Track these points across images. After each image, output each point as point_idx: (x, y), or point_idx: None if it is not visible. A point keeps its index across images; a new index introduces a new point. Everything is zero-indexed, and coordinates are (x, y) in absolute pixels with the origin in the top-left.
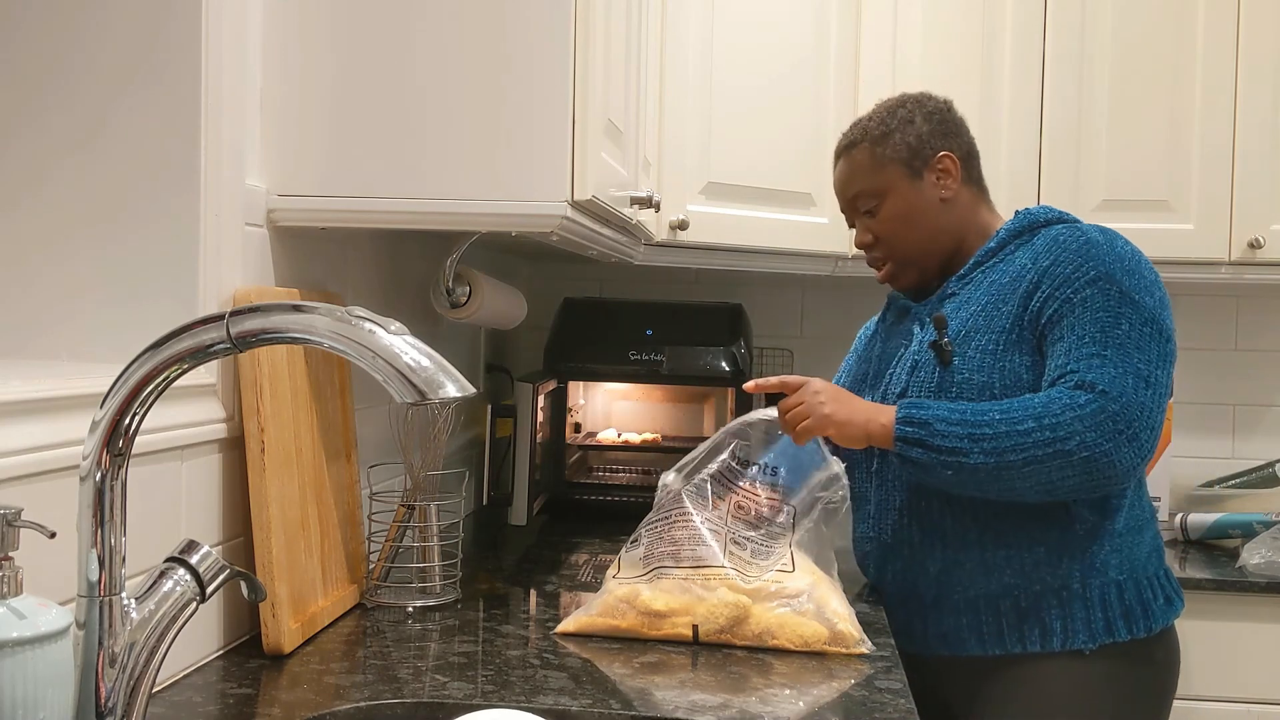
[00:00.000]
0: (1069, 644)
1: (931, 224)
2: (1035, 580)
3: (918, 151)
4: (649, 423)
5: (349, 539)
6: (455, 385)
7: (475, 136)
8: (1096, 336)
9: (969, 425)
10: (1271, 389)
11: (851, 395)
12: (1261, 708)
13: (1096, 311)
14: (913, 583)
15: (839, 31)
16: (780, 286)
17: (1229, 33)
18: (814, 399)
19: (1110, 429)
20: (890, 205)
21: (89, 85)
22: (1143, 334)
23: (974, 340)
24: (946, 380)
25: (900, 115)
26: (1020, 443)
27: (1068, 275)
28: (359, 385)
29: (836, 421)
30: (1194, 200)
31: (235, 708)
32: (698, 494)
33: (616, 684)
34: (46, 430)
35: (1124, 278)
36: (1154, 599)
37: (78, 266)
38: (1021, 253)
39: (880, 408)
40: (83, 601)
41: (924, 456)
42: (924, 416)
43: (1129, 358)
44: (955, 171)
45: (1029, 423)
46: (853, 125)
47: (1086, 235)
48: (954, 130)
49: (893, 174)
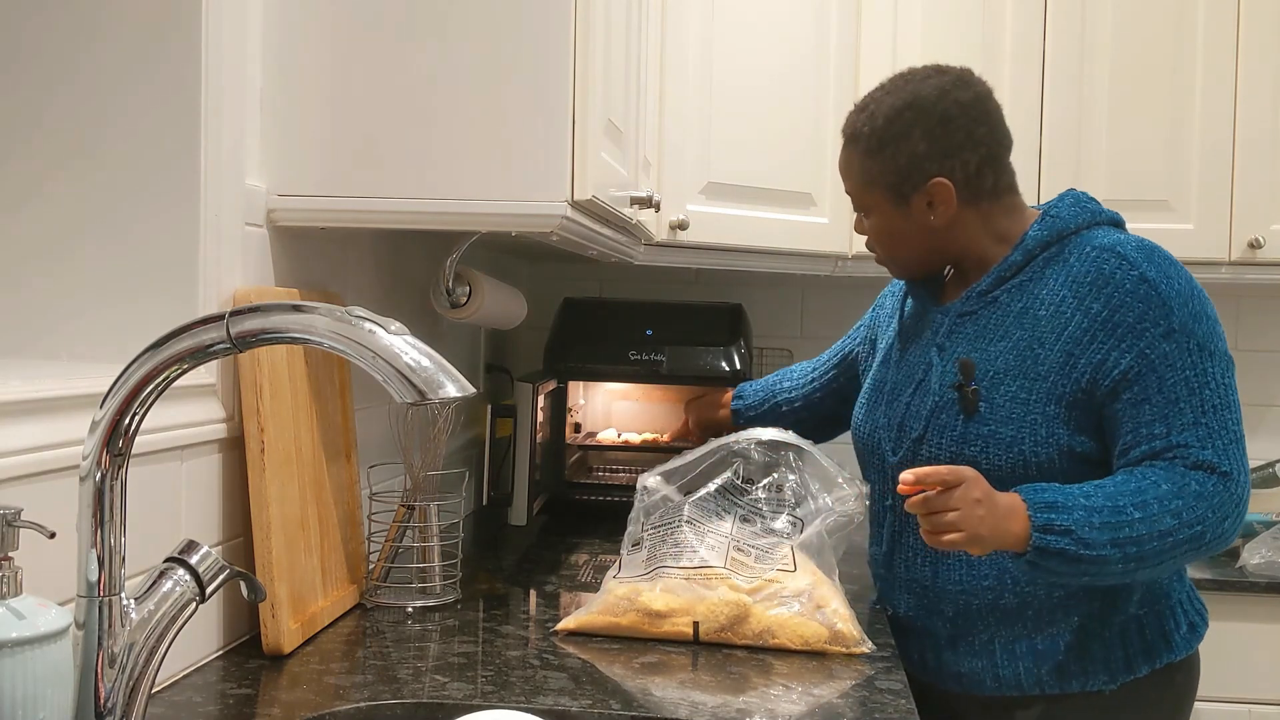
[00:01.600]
0: (1089, 686)
1: (920, 246)
2: (1051, 622)
3: (907, 176)
4: (649, 423)
5: (349, 539)
6: (455, 385)
7: (475, 136)
8: (1190, 400)
9: (1111, 528)
10: (1271, 389)
11: (991, 494)
12: (1261, 708)
13: (1182, 370)
14: (927, 620)
15: (839, 31)
16: (780, 286)
17: (1229, 33)
18: (972, 510)
19: (1235, 513)
20: (875, 223)
21: (89, 86)
22: (1228, 387)
23: (1004, 386)
24: (970, 432)
25: (899, 124)
26: (1162, 545)
27: (1132, 325)
28: (359, 385)
29: (983, 541)
30: (1194, 200)
31: (235, 708)
32: (701, 510)
33: (616, 684)
34: (46, 430)
35: (1195, 325)
36: (1176, 629)
37: (78, 266)
38: (1054, 273)
39: (1011, 509)
40: (82, 601)
41: (1063, 567)
42: (1065, 524)
43: (1226, 423)
44: (949, 199)
45: (1168, 520)
46: (857, 108)
47: (1139, 270)
48: (961, 144)
49: (877, 195)
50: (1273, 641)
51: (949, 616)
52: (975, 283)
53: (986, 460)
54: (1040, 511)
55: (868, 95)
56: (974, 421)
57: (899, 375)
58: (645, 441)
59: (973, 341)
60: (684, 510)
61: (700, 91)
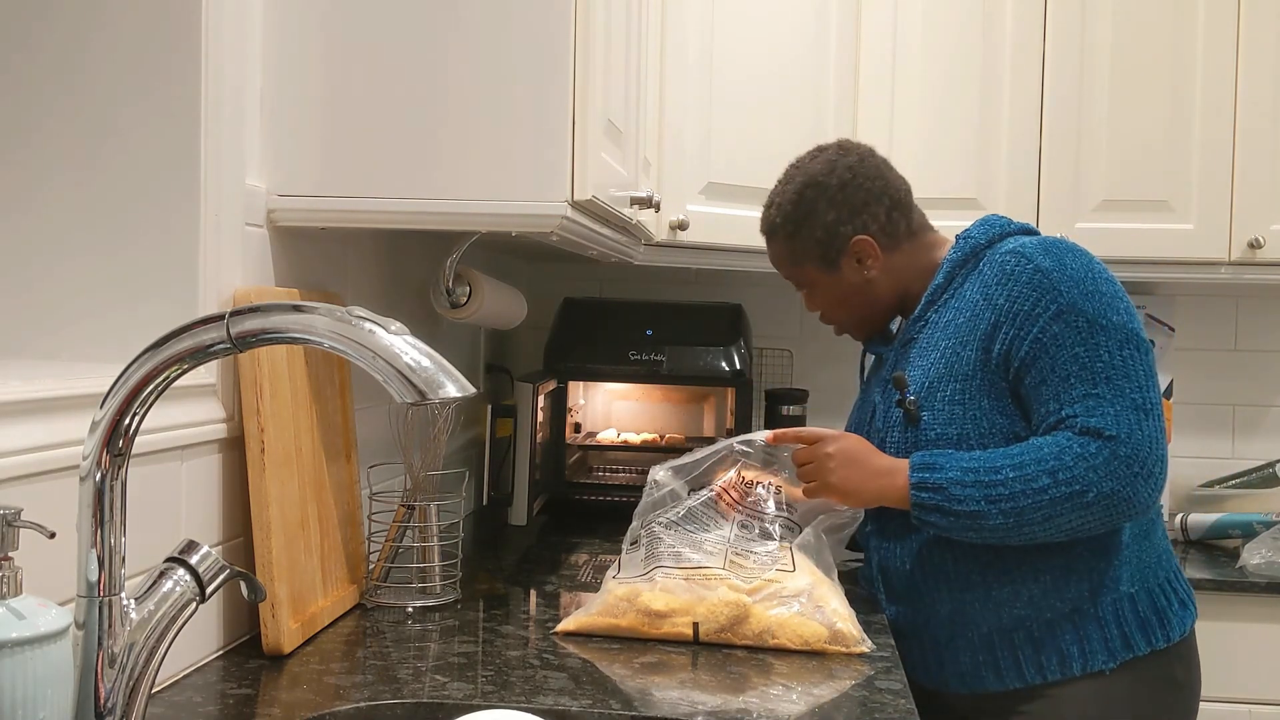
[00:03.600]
0: (1089, 666)
1: (865, 300)
2: (1046, 609)
3: (829, 244)
4: (649, 423)
5: (349, 539)
6: (455, 385)
7: (475, 136)
8: (1081, 375)
9: (984, 486)
10: (1271, 389)
11: (867, 455)
12: (1261, 708)
13: (1073, 347)
14: (924, 623)
15: (839, 31)
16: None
17: (1229, 33)
18: (824, 463)
19: (1125, 473)
20: (820, 295)
21: (89, 86)
22: (1124, 358)
23: (939, 391)
24: (921, 439)
25: (805, 204)
26: (1038, 500)
27: (1028, 312)
28: (359, 385)
29: (842, 491)
30: (1194, 200)
31: (235, 708)
32: (703, 510)
33: (616, 684)
34: (46, 430)
35: (1085, 302)
36: (1169, 605)
37: (78, 267)
38: (970, 284)
39: (893, 469)
40: (82, 602)
41: (942, 521)
42: (938, 480)
43: (1120, 391)
44: (874, 251)
45: (1044, 479)
46: (765, 207)
47: (1034, 262)
48: (865, 200)
49: (810, 270)
50: (1273, 641)
51: (945, 616)
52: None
53: None
54: (917, 471)
55: (770, 194)
56: (920, 430)
57: (862, 411)
58: (645, 441)
59: (913, 361)
60: (685, 511)
61: (700, 91)
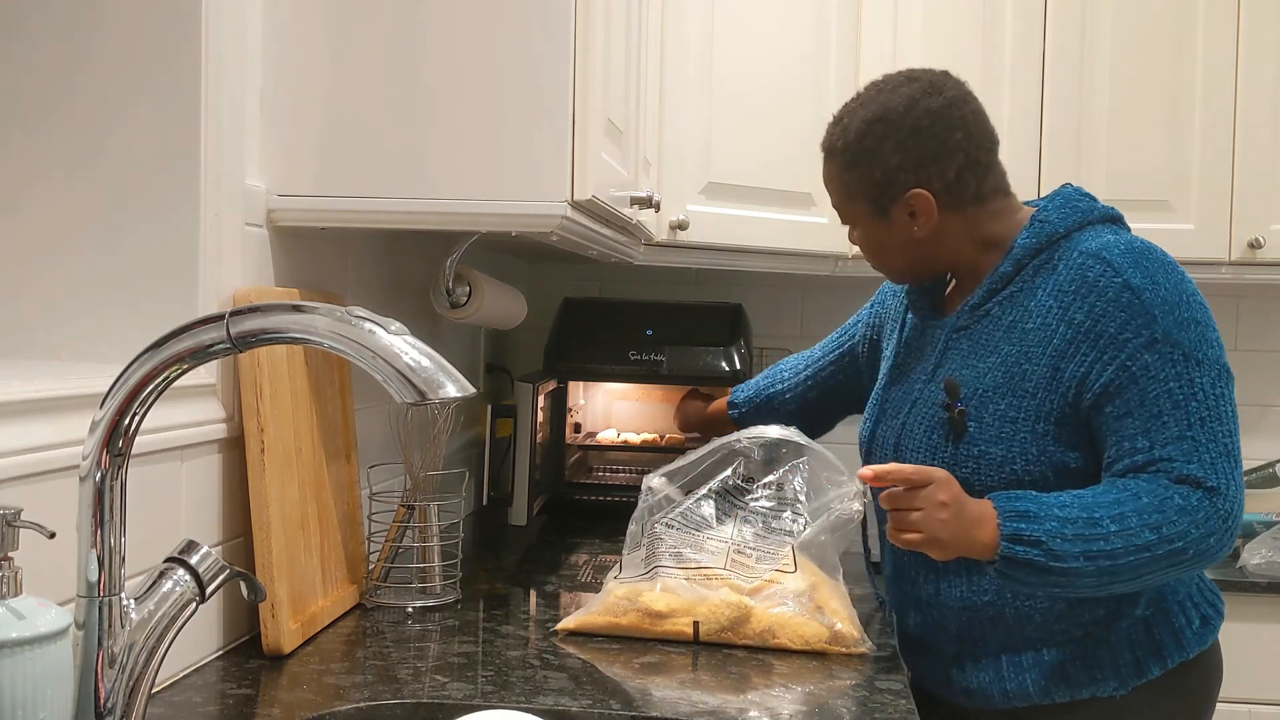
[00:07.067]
0: (1098, 692)
1: (907, 257)
2: (1057, 632)
3: (884, 189)
4: (649, 423)
5: (349, 539)
6: (455, 385)
7: (475, 136)
8: (1174, 414)
9: (1085, 540)
10: (1271, 389)
11: (964, 502)
12: (1261, 708)
13: (1166, 382)
14: (933, 635)
15: (839, 31)
16: (780, 286)
17: (1229, 33)
18: (935, 512)
19: (1221, 529)
20: (860, 234)
21: (89, 86)
22: (1217, 397)
23: (991, 404)
24: (960, 453)
25: (870, 138)
26: (1139, 560)
27: (1113, 335)
28: (359, 385)
29: (944, 545)
30: (1194, 200)
31: (235, 708)
32: (702, 510)
33: (617, 684)
34: (46, 430)
35: (1181, 333)
36: (1187, 625)
37: (78, 267)
38: (1043, 282)
39: (981, 518)
40: (82, 602)
41: (1031, 577)
42: (1036, 534)
43: (1214, 435)
44: (929, 209)
45: (1148, 534)
46: (834, 120)
47: (1123, 276)
48: (936, 153)
49: (858, 208)
50: (1273, 642)
51: (954, 632)
52: (969, 295)
53: (979, 481)
54: (1010, 520)
55: (843, 107)
56: (964, 443)
57: (899, 393)
58: (645, 441)
59: (965, 358)
60: (685, 512)
61: (700, 91)
